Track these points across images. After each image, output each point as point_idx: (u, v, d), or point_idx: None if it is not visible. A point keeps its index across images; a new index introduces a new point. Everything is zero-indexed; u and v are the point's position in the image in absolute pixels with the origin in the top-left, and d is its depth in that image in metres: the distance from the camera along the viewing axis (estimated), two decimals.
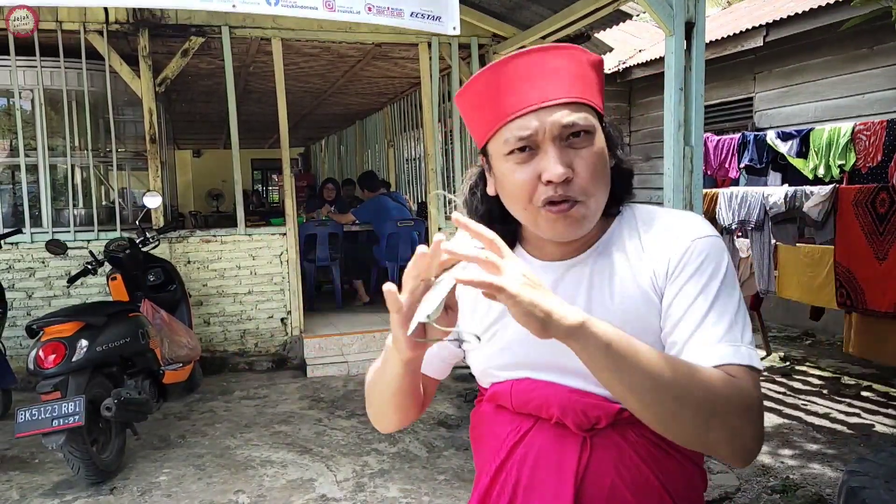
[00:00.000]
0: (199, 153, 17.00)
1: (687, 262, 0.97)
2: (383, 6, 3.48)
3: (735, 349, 0.92)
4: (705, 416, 0.86)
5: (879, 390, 4.78)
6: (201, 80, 7.34)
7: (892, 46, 5.20)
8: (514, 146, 0.96)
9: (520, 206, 0.99)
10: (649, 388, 0.85)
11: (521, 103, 0.96)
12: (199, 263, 5.54)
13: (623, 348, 0.85)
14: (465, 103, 1.04)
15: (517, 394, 1.05)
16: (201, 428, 4.32)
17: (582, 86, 0.98)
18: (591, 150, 0.97)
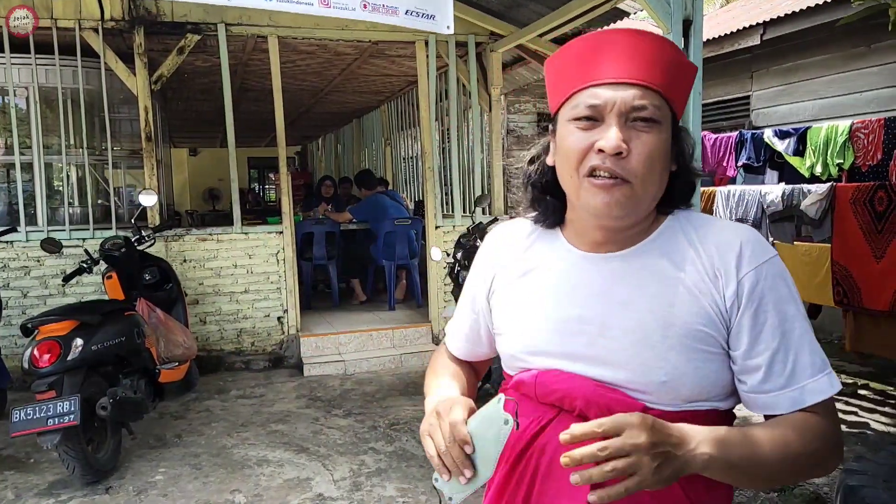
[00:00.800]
0: (196, 151, 16.97)
1: (762, 292, 0.97)
2: (378, 3, 3.47)
3: (829, 380, 0.98)
4: (809, 472, 0.99)
5: (876, 388, 4.78)
6: (197, 78, 7.31)
7: (889, 45, 5.20)
8: (581, 113, 0.98)
9: (568, 171, 1.00)
10: (763, 477, 0.94)
11: (601, 74, 0.97)
12: (195, 262, 5.52)
13: (743, 458, 0.90)
14: (553, 67, 1.06)
15: (542, 384, 1.04)
16: (197, 427, 4.30)
17: (666, 79, 0.98)
18: (653, 137, 0.97)
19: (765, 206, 4.45)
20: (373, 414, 4.46)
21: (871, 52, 5.53)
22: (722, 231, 1.02)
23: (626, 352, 0.99)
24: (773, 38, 6.23)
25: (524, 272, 1.11)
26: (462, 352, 1.28)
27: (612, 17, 5.60)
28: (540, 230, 1.13)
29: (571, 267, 1.06)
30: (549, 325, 1.05)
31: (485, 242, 1.22)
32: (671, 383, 0.97)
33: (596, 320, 1.01)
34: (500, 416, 0.94)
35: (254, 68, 6.95)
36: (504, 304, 1.13)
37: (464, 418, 0.97)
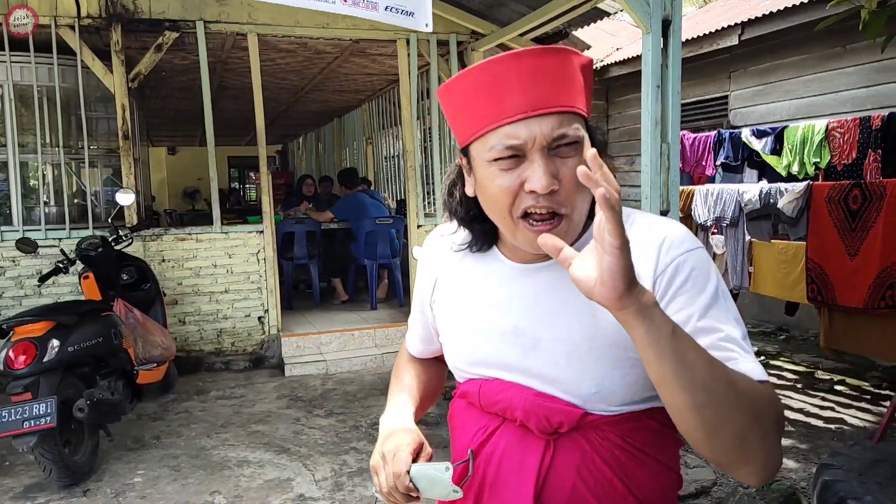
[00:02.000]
0: (175, 150, 16.81)
1: (682, 281, 0.93)
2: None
3: (757, 366, 0.88)
4: (750, 424, 0.81)
5: (852, 384, 4.86)
6: (176, 76, 7.24)
7: (864, 46, 5.28)
8: (499, 154, 0.93)
9: (500, 214, 0.96)
10: (705, 386, 0.79)
11: (510, 110, 0.92)
12: (173, 262, 5.47)
13: (684, 336, 0.81)
14: (450, 100, 1.01)
15: (485, 394, 1.05)
16: (176, 428, 4.26)
17: (573, 93, 0.95)
18: (578, 160, 0.93)
19: (742, 205, 4.50)
20: (354, 413, 4.45)
21: (846, 53, 5.62)
22: (643, 227, 0.99)
23: (557, 364, 0.98)
24: (750, 39, 6.30)
25: (459, 284, 1.11)
26: (420, 351, 1.29)
27: (593, 16, 5.64)
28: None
29: (506, 279, 1.05)
30: (486, 338, 1.05)
31: (425, 247, 1.21)
32: (602, 393, 0.96)
33: (529, 332, 1.01)
34: (448, 485, 0.97)
35: (233, 66, 6.89)
36: (444, 316, 1.14)
37: (407, 468, 1.00)
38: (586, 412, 0.98)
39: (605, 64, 8.47)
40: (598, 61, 8.68)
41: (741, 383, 0.83)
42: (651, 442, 0.99)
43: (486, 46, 6.11)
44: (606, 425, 0.98)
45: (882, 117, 4.34)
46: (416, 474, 0.99)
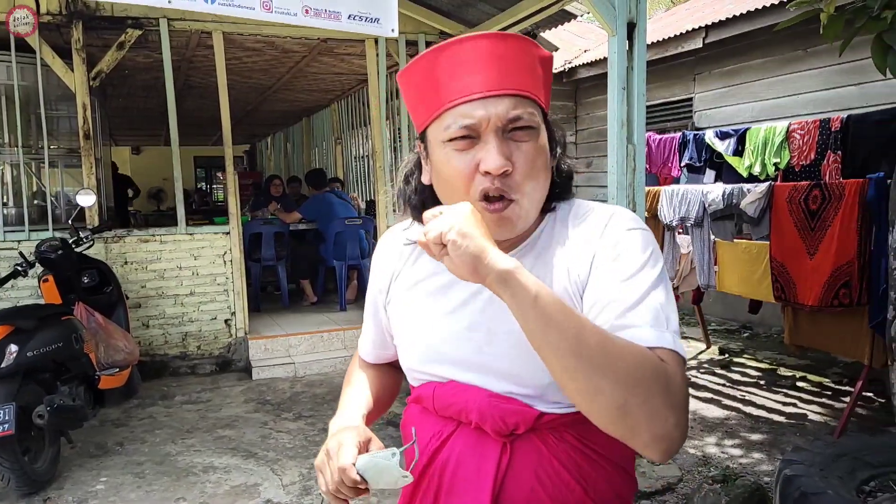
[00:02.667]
0: (139, 150, 16.50)
1: (614, 254, 0.94)
2: (320, 8, 3.46)
3: (659, 334, 0.87)
4: (627, 390, 0.80)
5: (814, 381, 4.97)
6: (139, 74, 7.10)
7: (824, 49, 5.41)
8: (455, 133, 0.94)
9: (455, 197, 0.96)
10: (573, 351, 0.80)
11: (466, 89, 0.93)
12: (137, 264, 5.36)
13: (551, 302, 0.83)
14: (408, 83, 1.01)
15: (439, 397, 1.04)
16: (140, 434, 4.18)
17: (530, 79, 0.96)
18: (533, 145, 0.95)
19: (707, 205, 4.57)
20: (324, 416, 4.41)
21: (807, 56, 5.75)
22: (591, 215, 1.01)
23: (510, 357, 0.98)
24: (714, 42, 6.41)
25: (414, 283, 1.09)
26: (374, 357, 1.27)
27: (560, 18, 5.68)
28: None
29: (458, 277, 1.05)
30: (440, 336, 1.04)
31: (378, 248, 1.19)
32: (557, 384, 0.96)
33: (482, 327, 1.00)
34: (396, 470, 0.95)
35: (198, 65, 6.79)
36: (399, 316, 1.12)
37: (353, 461, 0.96)
38: (542, 413, 0.97)
39: (573, 66, 8.54)
40: (566, 63, 8.75)
41: (618, 350, 0.82)
42: (606, 444, 0.98)
43: None
44: (562, 426, 0.97)
45: (841, 119, 4.44)
46: (363, 465, 0.96)
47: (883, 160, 4.09)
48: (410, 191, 1.07)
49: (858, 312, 3.70)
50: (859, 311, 3.68)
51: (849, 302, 3.67)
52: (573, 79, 8.68)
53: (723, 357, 5.64)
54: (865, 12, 2.29)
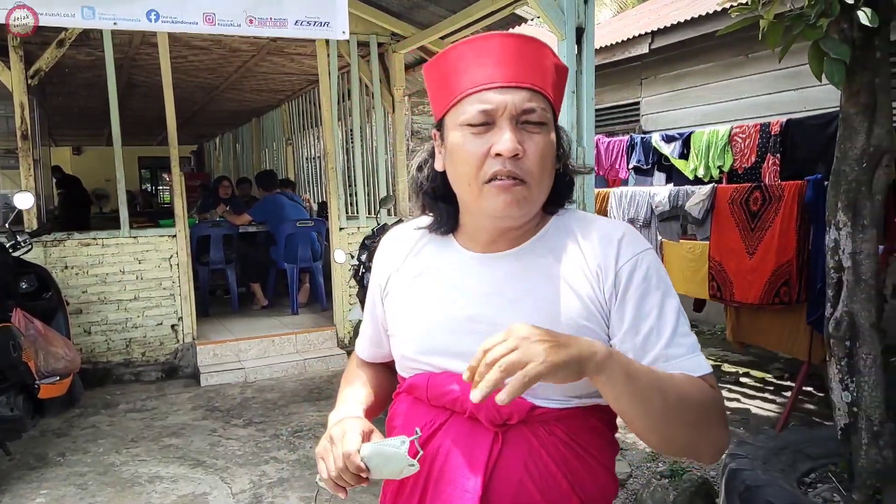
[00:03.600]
0: (80, 150, 15.96)
1: (641, 278, 1.00)
2: (265, 17, 3.46)
3: (698, 361, 0.98)
4: (697, 431, 0.94)
5: (756, 376, 5.13)
6: (80, 73, 6.86)
7: (765, 55, 5.59)
8: (472, 118, 0.99)
9: (466, 178, 1.00)
10: (659, 411, 0.91)
11: (487, 78, 0.99)
12: (77, 268, 5.17)
13: (637, 373, 0.91)
14: (434, 73, 1.06)
15: (433, 386, 1.05)
16: (83, 445, 4.03)
17: (550, 82, 1.02)
18: (543, 138, 1.00)
19: (654, 207, 4.67)
20: (275, 422, 4.34)
21: (749, 61, 5.93)
22: (602, 228, 1.06)
23: None
24: (660, 47, 6.56)
25: (416, 274, 1.12)
26: (369, 355, 1.29)
27: (511, 22, 5.72)
28: (431, 234, 1.14)
29: (462, 267, 1.08)
30: (441, 326, 1.06)
31: (380, 246, 1.22)
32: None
33: (486, 319, 1.03)
34: (403, 459, 0.95)
35: (142, 63, 6.60)
36: (397, 307, 1.14)
37: (357, 447, 0.98)
38: (534, 405, 1.00)
39: None
40: None
41: (689, 400, 0.93)
42: (593, 441, 1.03)
43: (406, 48, 6.11)
44: (553, 420, 1.00)
45: (781, 123, 4.60)
46: (368, 453, 0.97)
47: (820, 162, 4.25)
48: (423, 178, 1.11)
49: (797, 310, 3.83)
50: (798, 308, 3.82)
51: (789, 300, 3.80)
52: None
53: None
54: (803, 20, 2.37)
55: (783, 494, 2.46)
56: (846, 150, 2.56)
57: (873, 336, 2.56)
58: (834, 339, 2.62)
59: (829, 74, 2.33)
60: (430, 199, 1.11)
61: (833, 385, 2.65)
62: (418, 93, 8.67)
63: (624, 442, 3.88)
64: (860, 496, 2.54)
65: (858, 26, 2.38)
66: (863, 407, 2.56)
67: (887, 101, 2.49)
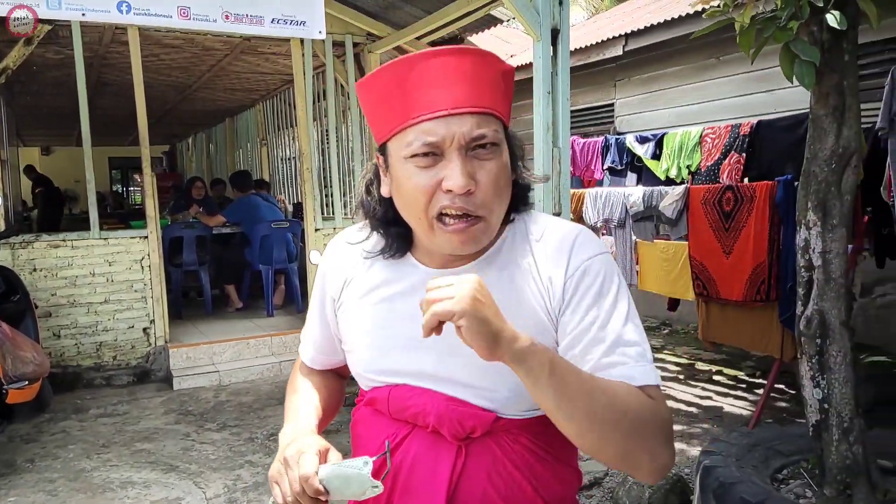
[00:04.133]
0: (49, 150, 15.65)
1: (588, 285, 0.97)
2: (241, 13, 3.42)
3: (644, 371, 0.94)
4: (631, 439, 0.89)
5: (729, 374, 5.20)
6: (49, 71, 6.73)
7: (737, 57, 5.67)
8: (417, 150, 0.92)
9: (415, 213, 0.95)
10: (586, 415, 0.87)
11: (430, 106, 0.92)
12: (46, 271, 5.07)
13: (564, 371, 0.87)
14: (369, 95, 0.98)
15: (394, 400, 1.03)
16: (52, 450, 3.95)
17: (493, 95, 0.95)
18: (496, 163, 0.94)
19: (628, 207, 4.72)
20: (249, 425, 4.29)
21: (720, 64, 6.02)
22: (554, 233, 1.03)
23: (471, 370, 0.98)
24: (634, 50, 6.62)
25: (370, 289, 1.07)
26: (318, 363, 1.24)
27: (487, 23, 5.74)
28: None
29: (418, 284, 1.02)
30: (397, 344, 1.03)
31: (330, 250, 1.16)
32: (515, 397, 0.98)
33: (446, 338, 0.97)
34: (367, 481, 0.91)
35: (113, 61, 6.48)
36: (352, 322, 1.09)
37: (315, 470, 0.92)
38: (498, 416, 0.98)
39: None
40: None
41: (622, 405, 0.89)
42: (556, 443, 1.00)
43: (382, 48, 6.09)
44: (517, 428, 0.99)
45: (751, 125, 4.67)
46: (327, 475, 0.92)
47: (789, 163, 4.32)
48: (373, 202, 1.04)
49: (769, 308, 3.89)
50: (769, 306, 3.88)
51: (768, 297, 3.86)
52: None
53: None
54: (774, 22, 2.41)
55: (756, 491, 2.50)
56: (816, 151, 2.61)
57: (843, 334, 2.61)
58: (805, 337, 2.67)
59: (800, 76, 2.37)
60: (382, 224, 1.04)
61: (804, 382, 2.69)
62: None
63: None
64: (831, 491, 2.58)
65: (827, 29, 2.42)
66: (833, 403, 2.61)
67: (856, 103, 2.54)
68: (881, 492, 2.59)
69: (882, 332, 4.85)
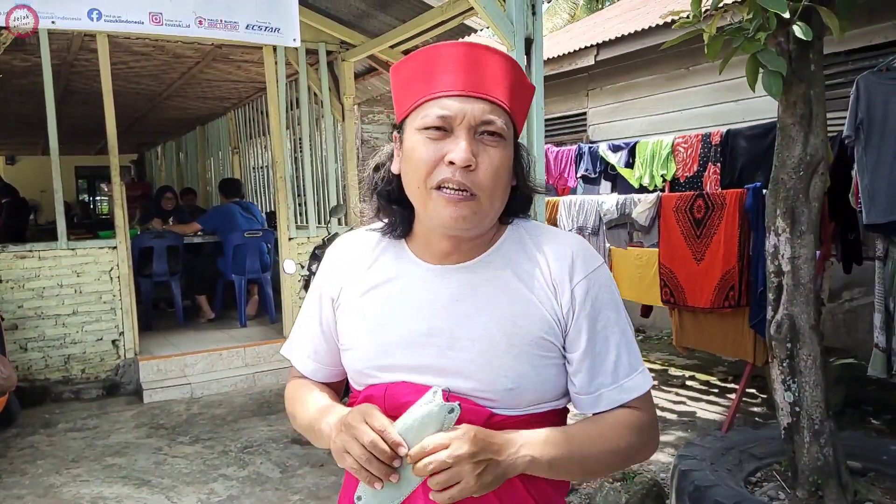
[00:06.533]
0: (14, 159, 15.33)
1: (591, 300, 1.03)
2: (215, 19, 3.37)
3: (643, 377, 1.06)
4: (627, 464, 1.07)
5: (701, 379, 5.27)
6: (15, 79, 6.58)
7: (706, 67, 5.78)
8: (430, 123, 0.98)
9: (416, 182, 1.00)
10: (586, 472, 1.06)
11: (451, 85, 0.98)
12: (12, 282, 4.95)
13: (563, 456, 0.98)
14: (401, 74, 1.05)
15: (391, 397, 1.04)
16: (20, 466, 3.85)
17: (510, 95, 1.01)
18: (500, 152, 0.99)
19: (602, 215, 4.76)
20: (223, 438, 4.22)
21: (691, 74, 6.12)
22: (555, 241, 1.08)
23: (475, 362, 1.01)
24: (606, 59, 6.71)
25: (371, 287, 1.10)
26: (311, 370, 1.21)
27: (461, 32, 5.76)
28: (385, 243, 1.12)
29: (418, 280, 1.06)
30: (398, 340, 1.05)
31: (329, 255, 1.18)
32: (517, 390, 1.01)
33: (445, 333, 1.02)
34: (443, 410, 0.92)
35: (81, 69, 6.38)
36: (351, 320, 1.11)
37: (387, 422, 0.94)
38: (492, 413, 1.00)
39: None
40: None
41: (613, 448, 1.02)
42: None
43: (356, 57, 6.08)
44: (512, 426, 1.00)
45: (721, 133, 4.76)
46: (402, 426, 0.92)
47: (758, 170, 4.41)
48: (378, 178, 1.10)
49: (739, 314, 3.95)
50: (740, 312, 3.94)
51: (737, 303, 3.92)
52: None
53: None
54: (742, 33, 2.46)
55: (731, 494, 2.53)
56: (784, 159, 2.66)
57: (813, 338, 2.66)
58: (775, 342, 2.71)
59: (768, 86, 2.42)
60: (385, 200, 1.09)
61: (776, 386, 2.74)
62: (368, 101, 8.64)
63: None
64: (803, 493, 2.63)
65: (794, 40, 2.48)
66: (804, 406, 2.65)
67: (822, 112, 2.61)
68: (851, 492, 2.64)
69: (850, 335, 4.95)
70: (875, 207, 3.24)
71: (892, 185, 3.18)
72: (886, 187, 3.20)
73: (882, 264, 3.35)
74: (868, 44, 4.70)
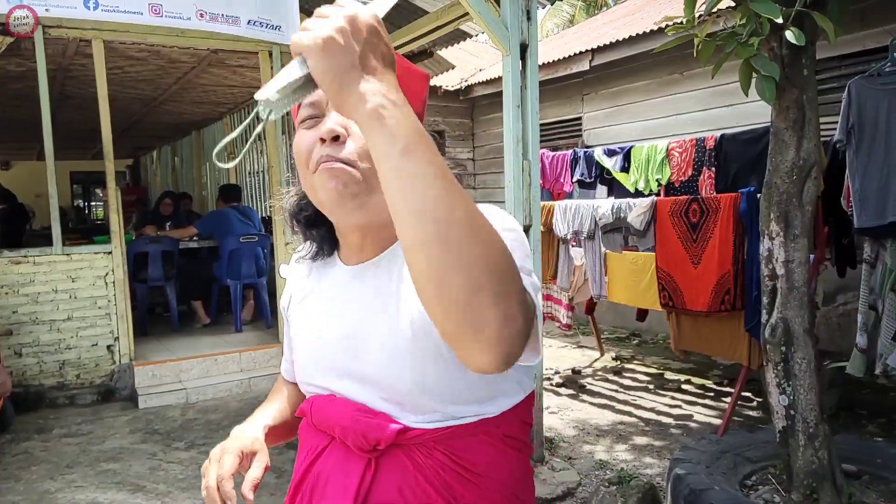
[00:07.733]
0: (9, 165, 15.30)
1: None
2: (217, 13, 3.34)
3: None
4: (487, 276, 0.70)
5: (697, 383, 5.28)
6: (10, 84, 6.57)
7: (700, 72, 5.81)
8: (304, 115, 0.96)
9: (303, 174, 0.98)
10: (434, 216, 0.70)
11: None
12: (7, 288, 4.93)
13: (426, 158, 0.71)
14: None
15: (315, 411, 1.03)
16: (14, 472, 3.83)
17: None
18: None
19: (597, 219, 4.78)
20: (218, 443, 4.21)
21: (685, 79, 6.15)
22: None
23: (381, 364, 0.95)
24: (601, 65, 6.74)
25: (304, 297, 1.11)
26: (290, 374, 1.26)
27: (456, 37, 5.79)
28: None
29: (339, 285, 1.05)
30: (320, 348, 1.04)
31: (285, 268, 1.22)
32: (420, 390, 0.93)
33: (359, 336, 0.99)
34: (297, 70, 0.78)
35: (76, 74, 6.37)
36: (293, 333, 1.14)
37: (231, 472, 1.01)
38: (406, 427, 0.94)
39: (470, 84, 8.72)
40: (463, 81, 8.92)
41: (486, 230, 0.73)
42: (485, 460, 0.95)
43: None
44: (431, 442, 0.94)
45: (715, 138, 4.78)
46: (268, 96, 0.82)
47: (752, 175, 4.43)
48: (293, 203, 1.05)
49: (735, 317, 3.96)
50: (736, 315, 3.95)
51: (732, 307, 3.93)
52: (469, 97, 8.86)
53: (616, 364, 5.89)
54: (735, 39, 2.48)
55: (726, 497, 2.53)
56: (777, 163, 2.68)
57: (807, 341, 2.67)
58: (770, 345, 2.72)
59: (761, 91, 2.44)
60: (303, 226, 1.06)
61: (771, 389, 2.75)
62: None
63: (573, 451, 3.92)
64: (798, 496, 2.64)
65: (787, 45, 2.50)
66: (799, 410, 2.66)
67: (815, 117, 2.62)
68: (846, 495, 2.65)
69: (844, 339, 4.97)
70: (865, 211, 3.26)
71: (882, 190, 3.20)
72: (877, 191, 3.22)
73: (870, 268, 3.37)
74: (860, 49, 4.74)
